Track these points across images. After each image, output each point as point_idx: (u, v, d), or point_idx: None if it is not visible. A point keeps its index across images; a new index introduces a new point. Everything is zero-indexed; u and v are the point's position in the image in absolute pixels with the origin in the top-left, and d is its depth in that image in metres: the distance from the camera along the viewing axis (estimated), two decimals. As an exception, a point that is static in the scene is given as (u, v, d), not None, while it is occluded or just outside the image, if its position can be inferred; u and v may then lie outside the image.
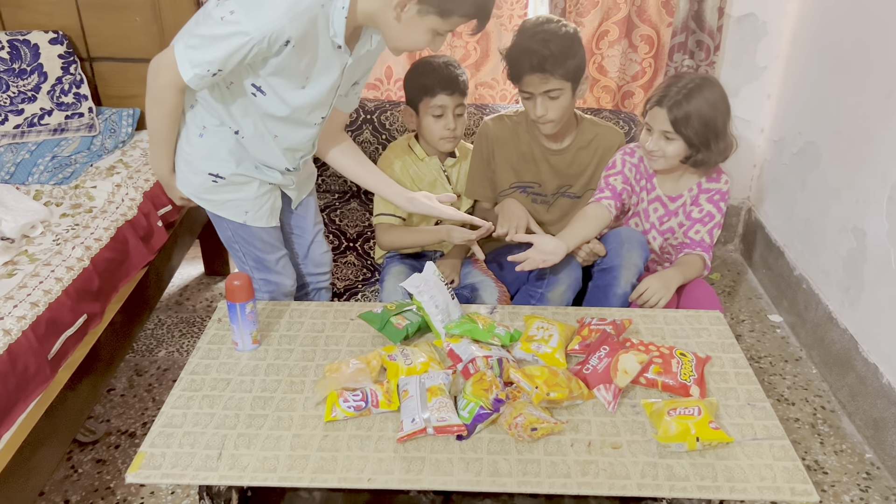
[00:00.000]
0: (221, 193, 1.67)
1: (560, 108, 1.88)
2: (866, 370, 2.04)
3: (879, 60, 2.08)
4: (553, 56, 1.80)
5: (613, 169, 1.95)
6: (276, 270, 1.79)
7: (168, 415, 1.32)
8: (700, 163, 1.82)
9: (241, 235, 1.74)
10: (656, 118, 1.79)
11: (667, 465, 1.21)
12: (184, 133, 1.62)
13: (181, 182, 1.68)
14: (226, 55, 1.37)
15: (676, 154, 1.81)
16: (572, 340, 1.50)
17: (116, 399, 2.15)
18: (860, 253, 2.12)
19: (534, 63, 1.81)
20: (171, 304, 2.65)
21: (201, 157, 1.62)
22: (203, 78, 1.41)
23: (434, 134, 1.93)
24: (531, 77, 1.83)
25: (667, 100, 1.77)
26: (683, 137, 1.77)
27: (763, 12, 2.69)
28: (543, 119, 1.89)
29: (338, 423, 1.29)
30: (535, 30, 1.85)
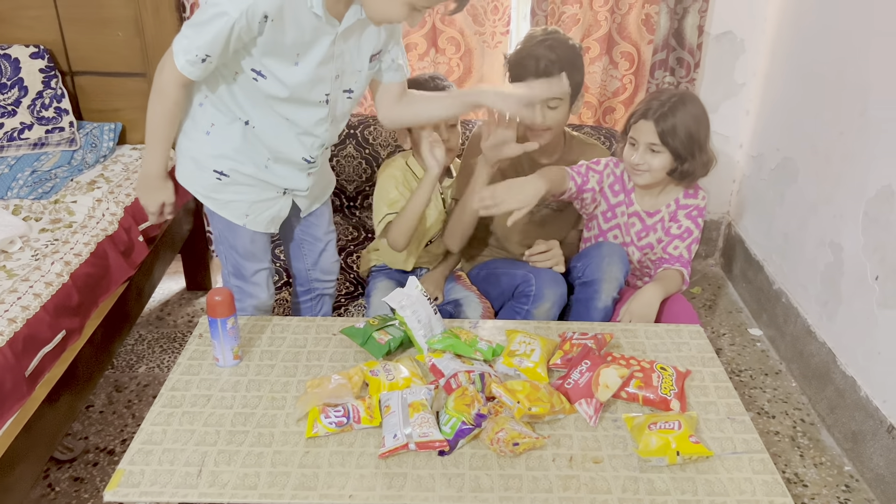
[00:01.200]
0: (225, 193, 1.68)
1: (556, 118, 1.88)
2: (844, 383, 2.06)
3: (854, 78, 2.13)
4: (560, 63, 1.81)
5: (597, 165, 1.95)
6: (251, 281, 1.79)
7: (147, 431, 1.31)
8: (685, 174, 1.84)
9: (226, 238, 1.75)
10: (642, 131, 1.81)
11: (648, 479, 1.22)
12: (192, 130, 1.63)
13: (187, 179, 1.68)
14: (211, 39, 1.40)
15: (662, 167, 1.83)
16: (554, 355, 1.51)
17: (95, 416, 2.13)
18: (837, 267, 2.15)
19: (540, 68, 1.81)
20: (151, 320, 2.63)
21: (208, 154, 1.63)
22: (194, 64, 1.44)
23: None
24: (535, 82, 1.82)
25: (652, 112, 1.78)
26: (670, 149, 1.79)
27: (741, 30, 2.74)
28: (539, 128, 1.89)
29: (319, 440, 1.28)
30: (544, 37, 1.86)
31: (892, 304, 1.88)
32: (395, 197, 1.94)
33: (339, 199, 2.62)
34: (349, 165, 2.54)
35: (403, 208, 1.91)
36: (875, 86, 2.01)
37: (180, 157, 1.68)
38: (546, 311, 1.84)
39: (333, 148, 2.51)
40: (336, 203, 2.63)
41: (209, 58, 1.43)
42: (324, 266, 1.95)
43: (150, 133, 1.60)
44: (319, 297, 2.00)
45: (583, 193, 1.94)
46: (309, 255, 1.92)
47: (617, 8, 2.61)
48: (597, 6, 2.59)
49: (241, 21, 1.38)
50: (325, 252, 1.93)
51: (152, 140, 1.61)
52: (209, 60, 1.44)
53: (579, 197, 1.95)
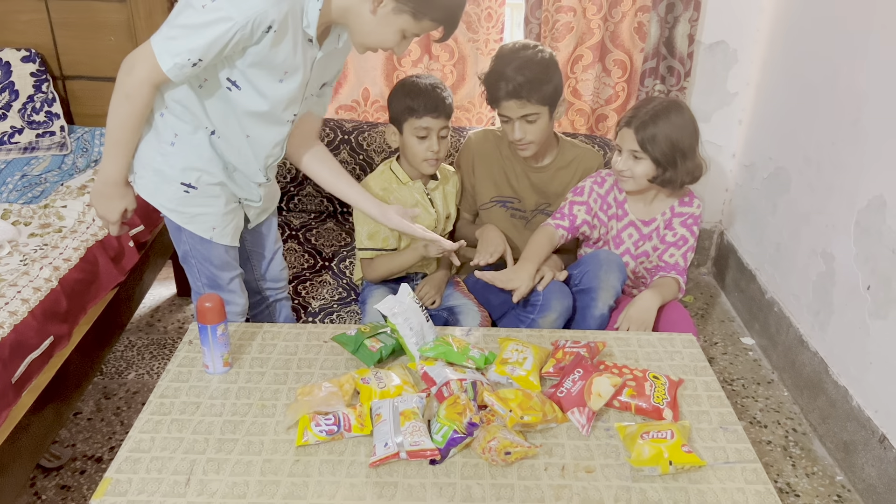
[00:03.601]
0: (192, 206, 1.61)
1: (538, 131, 1.93)
2: (836, 393, 2.06)
3: (846, 88, 2.13)
4: (529, 83, 1.84)
5: (580, 196, 1.99)
6: (228, 289, 1.75)
7: (135, 439, 1.29)
8: (668, 182, 1.86)
9: (199, 251, 1.68)
10: (625, 138, 1.85)
11: (640, 488, 1.21)
12: (154, 142, 1.56)
13: (150, 192, 1.60)
14: (208, 43, 1.35)
15: (644, 173, 1.86)
16: (547, 363, 1.50)
17: (83, 423, 2.10)
18: (829, 277, 2.16)
19: (510, 90, 1.85)
20: (141, 326, 2.61)
21: (174, 167, 1.56)
22: (183, 68, 1.38)
23: (417, 155, 1.93)
24: (508, 103, 1.88)
25: (635, 121, 1.83)
26: (650, 157, 1.82)
27: (734, 40, 2.75)
28: (522, 142, 1.94)
29: (309, 448, 1.27)
30: (512, 56, 1.88)
31: (883, 314, 1.88)
32: (373, 228, 1.95)
33: (332, 204, 2.61)
34: (342, 172, 2.53)
35: (387, 257, 1.97)
36: (867, 96, 2.02)
37: (141, 170, 1.59)
38: (552, 321, 1.84)
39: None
40: (329, 209, 2.62)
41: (200, 62, 1.38)
42: (272, 275, 1.92)
43: (112, 138, 1.51)
44: (274, 303, 1.97)
45: (578, 230, 1.99)
46: (257, 266, 1.89)
47: (610, 16, 2.62)
48: (590, 14, 2.60)
49: (245, 29, 1.34)
50: (273, 262, 1.91)
51: (115, 145, 1.51)
52: (199, 66, 1.39)
53: (576, 235, 2.01)
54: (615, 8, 2.61)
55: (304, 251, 2.39)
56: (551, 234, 1.96)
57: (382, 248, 1.95)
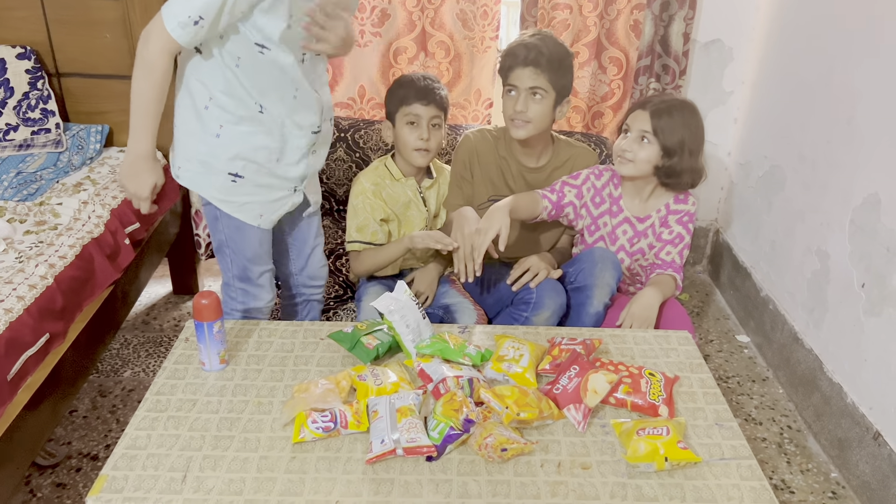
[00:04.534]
0: (239, 195, 1.64)
1: (539, 112, 1.92)
2: (831, 390, 2.07)
3: (841, 87, 2.14)
4: (549, 55, 1.87)
5: (575, 180, 1.99)
6: (257, 283, 1.78)
7: (132, 436, 1.29)
8: (670, 172, 1.86)
9: (235, 242, 1.72)
10: (638, 119, 1.87)
11: (636, 485, 1.22)
12: (200, 133, 1.58)
13: (197, 182, 1.64)
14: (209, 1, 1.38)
15: (647, 159, 1.86)
16: (543, 360, 1.51)
17: (79, 421, 2.10)
18: (824, 275, 2.16)
19: (530, 56, 1.87)
20: (137, 324, 2.60)
21: (220, 157, 1.59)
22: (185, 27, 1.40)
23: (408, 144, 1.93)
24: (523, 70, 1.89)
25: (651, 105, 1.86)
26: (660, 143, 1.83)
27: (729, 39, 2.76)
28: (522, 117, 1.91)
29: (306, 445, 1.27)
30: (536, 32, 1.94)
31: (878, 312, 1.89)
32: (363, 221, 1.95)
33: (328, 202, 2.61)
34: (339, 169, 2.53)
35: (372, 251, 1.97)
36: (862, 94, 2.03)
37: (186, 161, 1.62)
38: (545, 319, 1.84)
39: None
40: (325, 207, 2.62)
41: (202, 21, 1.40)
42: (311, 272, 1.93)
43: (138, 110, 1.52)
44: (306, 302, 1.98)
45: (563, 209, 1.97)
46: (296, 260, 1.91)
47: (606, 13, 2.63)
48: (586, 11, 2.60)
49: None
50: (311, 257, 1.91)
51: (141, 118, 1.53)
52: (201, 24, 1.40)
53: (561, 214, 1.98)
54: (611, 5, 2.61)
55: (301, 249, 2.39)
56: (535, 199, 1.94)
57: (371, 241, 1.95)
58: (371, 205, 1.95)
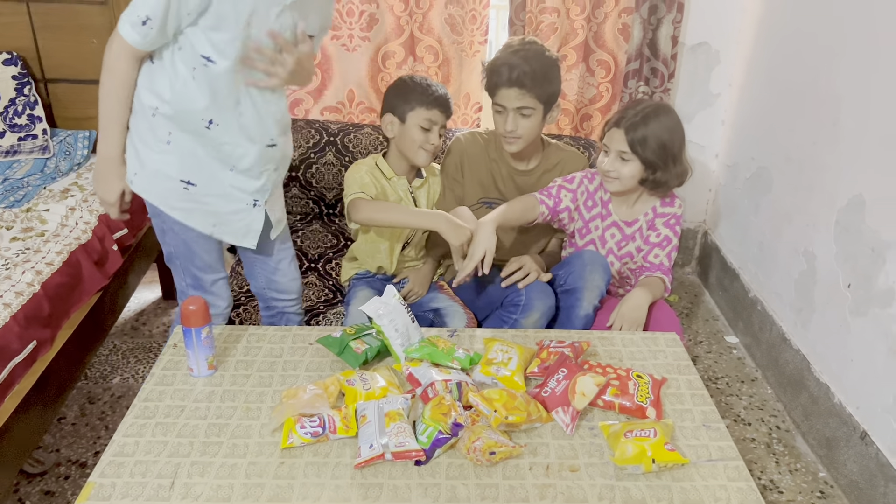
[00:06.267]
0: (192, 202, 1.61)
1: (529, 127, 1.93)
2: (818, 390, 2.08)
3: (826, 89, 2.16)
4: (533, 73, 1.85)
5: (570, 183, 1.99)
6: (211, 291, 1.76)
7: (119, 443, 1.29)
8: (657, 184, 1.87)
9: (183, 253, 1.70)
10: (613, 139, 1.85)
11: (624, 487, 1.22)
12: (151, 141, 1.55)
13: (148, 188, 1.60)
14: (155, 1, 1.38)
15: (632, 175, 1.86)
16: (531, 363, 1.51)
17: (67, 428, 2.09)
18: (811, 275, 2.18)
19: (513, 77, 1.86)
20: (126, 330, 2.59)
21: (172, 164, 1.56)
22: (135, 26, 1.41)
23: (415, 142, 1.92)
24: (508, 91, 1.88)
25: (624, 121, 1.83)
26: (640, 158, 1.82)
27: (716, 41, 2.78)
28: (512, 135, 1.93)
29: (294, 450, 1.27)
30: (520, 47, 1.90)
31: (863, 312, 1.90)
32: (366, 180, 1.91)
33: (318, 206, 2.61)
34: (328, 173, 2.53)
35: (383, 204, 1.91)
36: (847, 96, 2.05)
37: (140, 168, 1.58)
38: (534, 321, 1.85)
39: (313, 155, 2.50)
40: (315, 210, 2.62)
41: (150, 21, 1.40)
42: (279, 286, 1.88)
43: (103, 113, 1.55)
44: (281, 315, 1.93)
45: (559, 214, 1.97)
46: (261, 274, 1.87)
47: (593, 17, 2.64)
48: (573, 15, 2.62)
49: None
50: (277, 272, 1.86)
51: (107, 120, 1.55)
52: (150, 25, 1.40)
53: (556, 218, 1.98)
54: (598, 9, 2.63)
55: (290, 253, 2.39)
56: (532, 204, 1.93)
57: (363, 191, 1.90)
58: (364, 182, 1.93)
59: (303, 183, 2.55)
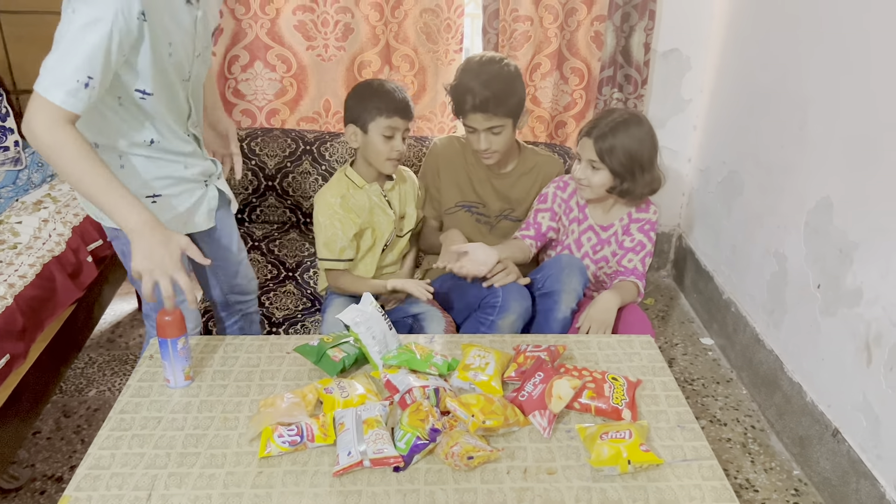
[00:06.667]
0: (161, 213, 1.56)
1: (502, 141, 1.99)
2: (791, 390, 2.12)
3: (794, 94, 2.21)
4: (495, 97, 1.89)
5: (544, 204, 2.03)
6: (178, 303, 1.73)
7: (95, 456, 1.28)
8: (626, 193, 1.91)
9: None
10: (584, 148, 1.89)
11: (600, 488, 1.24)
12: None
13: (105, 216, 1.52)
14: (90, 54, 1.24)
15: (602, 183, 1.89)
16: (508, 368, 1.52)
17: (42, 442, 2.07)
18: (782, 276, 2.22)
19: (477, 103, 1.90)
20: (102, 342, 2.57)
21: (133, 185, 1.49)
22: (77, 94, 1.25)
23: (381, 154, 1.93)
24: (475, 115, 1.93)
25: (595, 131, 1.87)
26: (608, 168, 1.86)
27: (686, 48, 2.82)
28: (487, 153, 2.00)
29: (273, 459, 1.27)
30: (479, 70, 1.93)
31: (833, 312, 1.94)
32: (329, 237, 1.94)
33: (295, 215, 2.61)
34: (305, 182, 2.53)
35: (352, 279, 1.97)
36: (813, 101, 2.09)
37: None
38: (511, 323, 1.86)
39: (290, 164, 2.50)
40: (293, 219, 2.62)
41: (91, 80, 1.25)
42: (241, 288, 1.90)
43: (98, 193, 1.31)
44: (243, 316, 1.94)
45: (546, 237, 2.05)
46: (223, 276, 1.87)
47: (566, 25, 2.67)
48: (546, 23, 2.64)
49: (118, 22, 1.25)
50: (238, 275, 1.88)
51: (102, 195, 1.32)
52: (92, 84, 1.26)
53: (546, 241, 2.06)
54: (571, 17, 2.66)
55: (268, 262, 2.38)
56: (521, 246, 2.01)
57: (339, 258, 1.95)
58: (341, 220, 1.94)
59: (279, 192, 2.54)
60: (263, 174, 2.51)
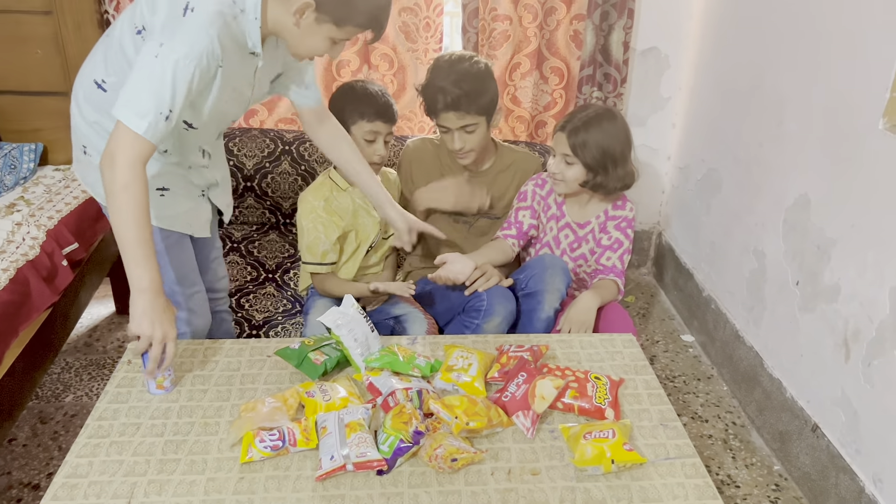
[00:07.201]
0: (169, 208, 1.62)
1: (476, 140, 1.98)
2: (771, 385, 2.14)
3: (771, 91, 2.22)
4: (466, 95, 1.89)
5: (524, 202, 2.04)
6: (188, 308, 1.72)
7: (72, 464, 1.26)
8: (599, 187, 1.92)
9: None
10: (559, 142, 1.91)
11: (584, 488, 1.24)
12: None
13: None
14: (172, 89, 1.29)
15: (575, 178, 1.91)
16: (492, 368, 1.52)
17: (18, 450, 2.03)
18: (761, 273, 2.24)
19: (448, 102, 1.90)
20: (79, 346, 2.53)
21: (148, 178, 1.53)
22: (157, 125, 1.29)
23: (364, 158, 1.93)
24: (447, 114, 1.93)
25: (569, 125, 1.89)
26: (581, 161, 1.87)
27: (665, 46, 2.83)
28: (462, 152, 1.99)
29: (254, 465, 1.25)
30: (449, 69, 1.93)
31: (811, 308, 1.96)
32: (312, 240, 1.93)
33: (274, 216, 2.59)
34: (284, 182, 2.51)
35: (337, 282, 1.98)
36: (790, 98, 2.11)
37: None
38: (496, 325, 1.86)
39: (268, 165, 2.48)
40: (272, 220, 2.60)
41: (172, 114, 1.31)
42: (212, 285, 1.90)
43: (131, 241, 1.32)
44: (214, 314, 1.93)
45: (527, 235, 2.05)
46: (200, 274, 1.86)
47: (545, 24, 2.67)
48: (526, 23, 2.64)
49: (202, 61, 1.32)
50: (209, 271, 1.89)
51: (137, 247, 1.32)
52: (171, 118, 1.31)
53: (527, 239, 2.07)
54: (550, 16, 2.66)
55: (247, 263, 2.36)
56: (503, 246, 2.01)
57: (321, 262, 1.93)
58: (324, 223, 1.92)
59: (258, 193, 2.52)
60: (242, 175, 2.48)
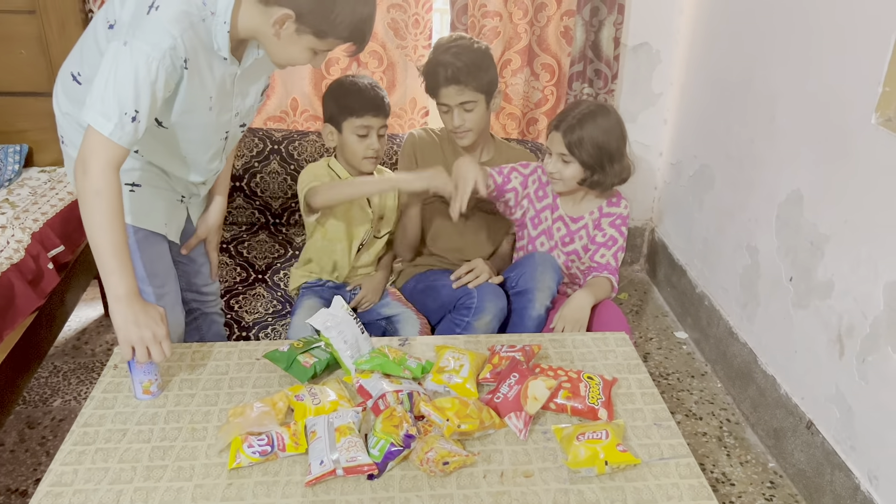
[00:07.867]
0: (141, 204, 1.59)
1: (475, 119, 1.99)
2: (765, 382, 2.13)
3: (762, 87, 2.21)
4: (467, 67, 1.91)
5: (524, 168, 2.03)
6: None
7: (57, 472, 1.23)
8: (596, 184, 1.91)
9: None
10: (554, 142, 1.89)
11: (578, 490, 1.22)
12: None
13: None
14: (135, 90, 1.27)
15: (573, 176, 1.90)
16: (483, 369, 1.50)
17: (5, 455, 2.00)
18: (754, 270, 2.23)
19: (448, 75, 1.91)
20: (67, 350, 2.50)
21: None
22: (124, 127, 1.27)
23: (357, 154, 1.91)
24: (447, 89, 1.93)
25: (563, 124, 1.87)
26: (578, 160, 1.85)
27: (656, 41, 2.82)
28: (461, 129, 1.99)
29: (243, 470, 1.23)
30: (449, 45, 1.96)
31: (805, 304, 1.95)
32: (321, 173, 1.92)
33: (264, 216, 2.56)
34: (274, 182, 2.49)
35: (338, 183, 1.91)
36: (782, 94, 2.10)
37: None
38: (486, 323, 1.85)
39: (257, 164, 2.46)
40: (262, 220, 2.57)
41: (138, 114, 1.28)
42: (197, 286, 1.89)
43: (104, 248, 1.30)
44: (203, 315, 1.92)
45: (504, 194, 2.00)
46: (183, 275, 1.82)
47: (536, 21, 2.65)
48: (516, 19, 2.62)
49: (165, 60, 1.29)
50: (199, 274, 1.87)
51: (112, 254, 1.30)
52: (138, 118, 1.29)
53: (502, 198, 1.99)
54: (540, 12, 2.64)
55: (236, 264, 2.34)
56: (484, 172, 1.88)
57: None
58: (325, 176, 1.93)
59: (247, 193, 2.50)
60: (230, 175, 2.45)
